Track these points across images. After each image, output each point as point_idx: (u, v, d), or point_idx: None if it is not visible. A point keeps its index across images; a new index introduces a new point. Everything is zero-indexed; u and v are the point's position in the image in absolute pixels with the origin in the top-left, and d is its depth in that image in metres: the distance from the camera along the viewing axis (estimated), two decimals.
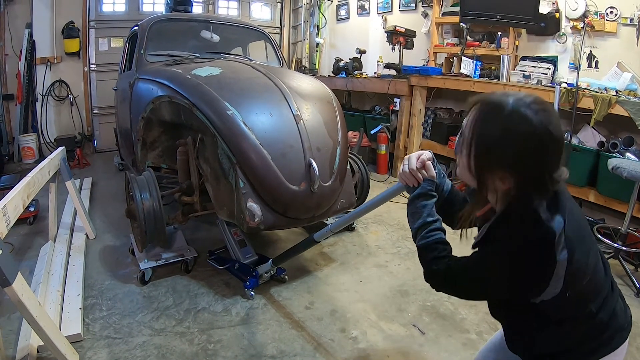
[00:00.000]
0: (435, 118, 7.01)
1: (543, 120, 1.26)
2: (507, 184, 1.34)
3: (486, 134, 1.33)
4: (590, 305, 1.40)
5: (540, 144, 1.27)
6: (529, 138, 1.26)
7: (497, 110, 1.32)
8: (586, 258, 1.36)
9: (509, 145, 1.29)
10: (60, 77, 8.38)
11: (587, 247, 1.37)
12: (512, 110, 1.28)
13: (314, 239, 2.89)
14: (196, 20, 5.58)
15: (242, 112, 3.20)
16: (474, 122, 1.37)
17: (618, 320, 1.46)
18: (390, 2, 8.60)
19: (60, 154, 4.31)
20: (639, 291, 3.72)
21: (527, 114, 1.27)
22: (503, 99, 1.32)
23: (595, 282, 1.42)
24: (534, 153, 1.28)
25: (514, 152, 1.29)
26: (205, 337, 3.01)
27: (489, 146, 1.33)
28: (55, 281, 3.46)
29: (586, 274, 1.37)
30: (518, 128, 1.27)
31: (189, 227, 4.68)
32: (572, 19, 5.57)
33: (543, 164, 1.30)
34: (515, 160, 1.30)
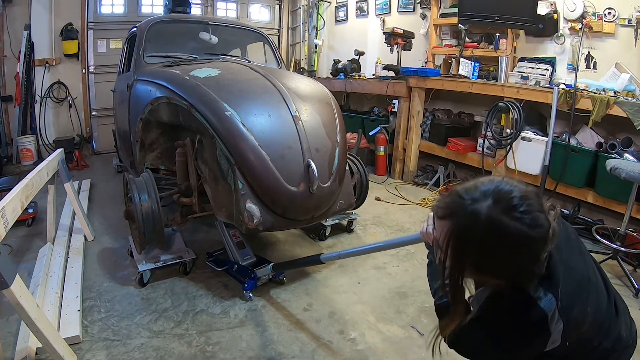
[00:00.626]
0: (434, 119, 7.02)
1: (524, 226, 1.19)
2: (491, 282, 1.36)
3: (462, 250, 1.28)
4: (593, 341, 1.41)
5: (520, 251, 1.22)
6: (508, 248, 1.22)
7: (471, 224, 1.23)
8: (585, 308, 1.35)
9: (487, 257, 1.25)
10: (59, 79, 8.37)
11: (585, 298, 1.36)
12: (487, 223, 1.21)
13: (320, 259, 2.91)
14: (195, 21, 5.58)
15: (240, 113, 3.20)
16: (448, 238, 1.29)
17: (622, 341, 1.47)
18: (388, 3, 8.60)
19: (58, 155, 4.31)
20: (638, 292, 3.73)
21: (505, 222, 1.20)
22: (476, 209, 1.24)
23: (596, 322, 1.41)
24: (515, 260, 1.24)
25: (493, 263, 1.26)
26: (203, 339, 3.01)
27: (465, 261, 1.28)
28: (54, 283, 3.46)
29: (585, 322, 1.36)
30: (495, 241, 1.22)
31: (187, 229, 4.67)
32: (570, 20, 5.58)
33: (526, 264, 1.26)
34: (495, 269, 1.28)
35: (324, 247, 4.52)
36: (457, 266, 1.30)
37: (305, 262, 3.27)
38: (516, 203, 1.21)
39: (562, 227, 1.39)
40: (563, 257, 1.35)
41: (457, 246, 1.27)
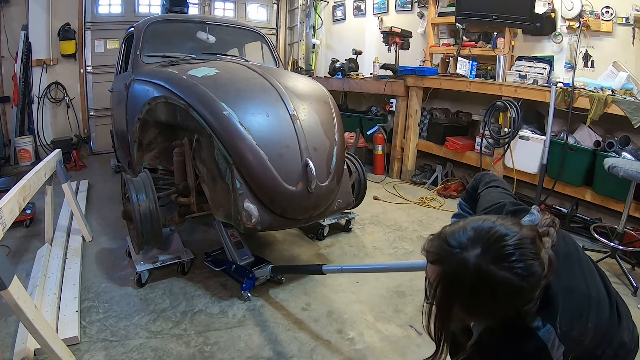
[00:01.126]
0: (432, 118, 7.03)
1: (514, 277, 1.18)
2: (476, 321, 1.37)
3: (449, 298, 1.28)
4: (596, 351, 1.39)
5: (510, 298, 1.22)
6: (495, 297, 1.21)
7: (458, 274, 1.22)
8: (585, 329, 1.33)
9: (476, 306, 1.26)
10: (57, 79, 8.36)
11: (585, 317, 1.34)
12: (475, 273, 1.19)
13: (321, 269, 2.93)
14: (192, 21, 5.58)
15: (238, 113, 3.20)
16: (436, 284, 1.29)
17: (625, 346, 1.45)
18: (386, 2, 8.61)
19: (56, 156, 4.31)
20: (636, 290, 3.73)
21: (491, 272, 1.18)
22: (464, 258, 1.22)
23: (599, 334, 1.39)
24: (504, 306, 1.24)
25: (482, 310, 1.27)
26: (202, 339, 3.00)
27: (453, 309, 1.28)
28: (52, 284, 3.45)
29: (586, 339, 1.34)
30: (483, 291, 1.21)
31: (185, 229, 4.67)
32: (567, 19, 5.58)
33: (517, 307, 1.26)
34: (484, 315, 1.30)
35: (322, 246, 4.52)
36: (444, 308, 1.30)
37: (306, 270, 3.28)
38: (507, 252, 1.19)
39: (562, 242, 1.40)
40: (561, 281, 1.33)
41: (445, 291, 1.27)
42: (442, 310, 1.30)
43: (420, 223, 5.31)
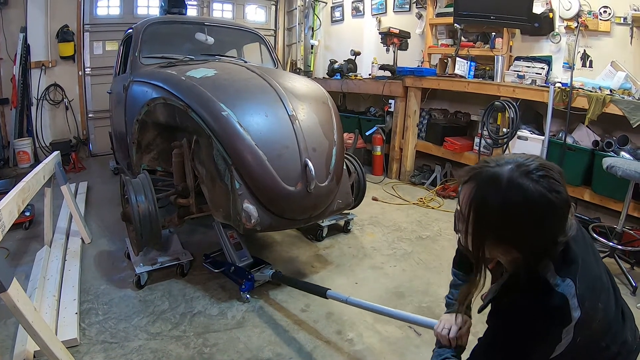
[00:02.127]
0: (430, 119, 7.03)
1: (543, 189, 1.22)
2: (509, 256, 1.34)
3: (483, 213, 1.30)
4: (601, 342, 1.41)
5: (540, 215, 1.23)
6: (528, 211, 1.23)
7: (492, 186, 1.27)
8: (596, 304, 1.35)
9: (508, 221, 1.26)
10: (55, 81, 8.35)
11: (597, 294, 1.36)
12: (509, 183, 1.24)
13: (325, 293, 2.96)
14: (190, 22, 5.58)
15: (237, 113, 3.20)
16: (470, 201, 1.32)
17: (628, 345, 1.47)
18: (384, 3, 8.62)
19: (55, 158, 4.31)
20: (635, 289, 3.73)
21: (525, 184, 1.23)
22: (498, 171, 1.28)
23: (605, 321, 1.41)
24: (535, 226, 1.25)
25: (514, 227, 1.26)
26: (201, 341, 3.00)
27: (487, 224, 1.30)
28: (51, 286, 3.45)
29: (596, 318, 1.35)
30: (516, 202, 1.23)
31: (184, 231, 4.67)
32: (565, 19, 5.59)
33: (545, 234, 1.27)
34: (516, 236, 1.28)
35: (321, 247, 4.52)
36: (478, 231, 1.32)
37: (308, 288, 3.28)
38: (535, 167, 1.25)
39: (579, 229, 1.41)
40: (579, 251, 1.35)
41: (478, 208, 1.30)
42: (476, 234, 1.34)
43: (419, 223, 5.31)
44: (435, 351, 1.74)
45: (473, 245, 1.35)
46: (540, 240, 1.27)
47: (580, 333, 1.30)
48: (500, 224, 1.27)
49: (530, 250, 1.28)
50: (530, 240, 1.27)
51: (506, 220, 1.25)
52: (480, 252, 1.35)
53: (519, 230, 1.26)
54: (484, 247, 1.33)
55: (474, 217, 1.31)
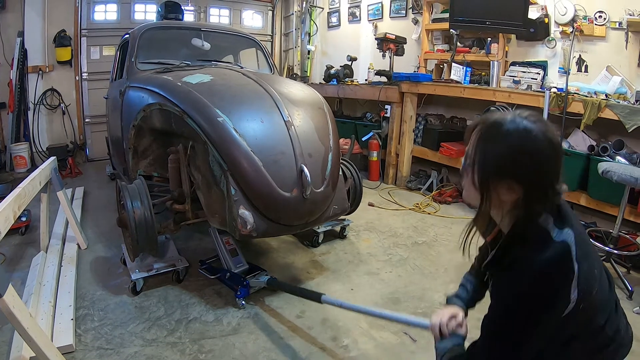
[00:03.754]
0: (427, 124, 7.04)
1: (542, 128, 1.32)
2: (511, 195, 1.36)
3: (489, 148, 1.37)
4: (599, 317, 1.43)
5: (540, 150, 1.31)
6: (529, 145, 1.31)
7: (497, 126, 1.37)
8: (593, 268, 1.38)
9: (511, 154, 1.33)
10: (52, 86, 8.39)
11: (593, 259, 1.39)
12: (512, 123, 1.34)
13: (320, 298, 2.93)
14: (187, 28, 5.58)
15: (233, 119, 3.20)
16: (477, 142, 1.41)
17: (621, 336, 1.49)
18: (380, 9, 8.65)
19: (51, 164, 4.30)
20: (632, 294, 3.74)
21: (527, 124, 1.32)
22: (501, 116, 1.38)
23: (602, 294, 1.44)
24: (536, 160, 1.31)
25: (516, 160, 1.32)
26: (196, 347, 3.00)
27: (492, 159, 1.36)
28: (47, 292, 3.44)
29: (595, 284, 1.39)
30: (518, 138, 1.32)
31: (180, 237, 4.67)
32: (561, 24, 5.61)
33: (544, 171, 1.33)
34: (518, 169, 1.33)
35: (317, 253, 4.52)
36: (484, 167, 1.38)
37: (303, 293, 3.28)
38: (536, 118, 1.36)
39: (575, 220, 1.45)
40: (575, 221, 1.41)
41: (484, 146, 1.40)
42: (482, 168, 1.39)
43: (415, 229, 5.31)
44: (437, 347, 1.73)
45: (479, 181, 1.40)
46: (539, 175, 1.33)
47: (584, 297, 1.32)
48: (503, 158, 1.34)
49: (531, 185, 1.33)
50: (530, 173, 1.32)
51: (509, 154, 1.33)
52: (485, 186, 1.40)
53: (520, 162, 1.32)
54: (489, 181, 1.38)
55: (481, 156, 1.39)
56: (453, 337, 1.69)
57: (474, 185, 1.43)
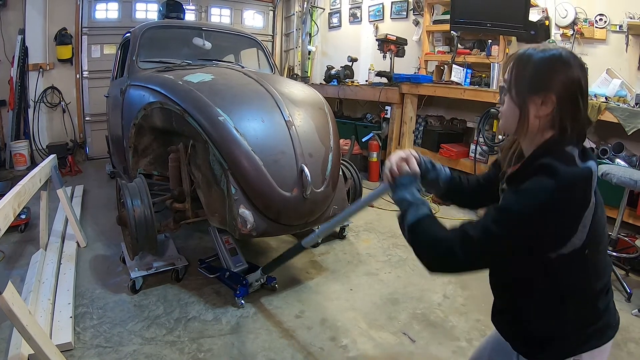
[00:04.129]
0: (427, 125, 7.05)
1: (568, 50, 1.42)
2: (546, 108, 1.39)
3: (522, 68, 1.44)
4: (596, 282, 1.42)
5: (570, 65, 1.37)
6: (560, 61, 1.38)
7: (530, 52, 1.44)
8: (604, 221, 1.41)
9: (543, 68, 1.39)
10: (53, 84, 8.37)
11: (602, 212, 1.40)
12: (542, 49, 1.42)
13: (301, 245, 2.89)
14: (188, 27, 5.58)
15: (233, 118, 3.21)
16: (513, 66, 1.47)
17: (610, 315, 1.48)
18: (381, 10, 8.65)
19: (51, 162, 4.30)
20: (630, 296, 3.74)
21: (555, 47, 1.43)
22: (533, 47, 1.46)
23: (604, 257, 1.46)
24: (567, 73, 1.37)
25: (548, 72, 1.38)
26: (195, 346, 3.00)
27: (527, 75, 1.42)
28: (46, 290, 3.44)
29: (603, 238, 1.43)
30: (550, 56, 1.40)
31: (180, 236, 4.67)
32: (561, 27, 5.62)
33: (576, 85, 1.37)
34: (550, 80, 1.37)
35: (316, 254, 4.51)
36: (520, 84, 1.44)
37: (291, 254, 3.25)
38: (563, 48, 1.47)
39: None
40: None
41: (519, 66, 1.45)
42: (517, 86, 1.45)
43: None
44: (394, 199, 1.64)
45: (516, 99, 1.45)
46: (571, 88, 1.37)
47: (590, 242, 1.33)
48: (537, 73, 1.40)
49: (563, 96, 1.37)
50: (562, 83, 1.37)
51: (542, 68, 1.40)
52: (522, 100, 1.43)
53: (552, 74, 1.38)
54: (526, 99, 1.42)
55: (516, 75, 1.45)
56: (402, 180, 1.63)
57: (512, 103, 1.47)
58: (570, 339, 1.43)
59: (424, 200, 1.58)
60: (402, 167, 1.64)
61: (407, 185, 1.60)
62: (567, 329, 1.44)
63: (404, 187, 1.60)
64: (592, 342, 1.43)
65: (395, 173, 1.64)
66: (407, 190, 1.59)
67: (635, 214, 4.33)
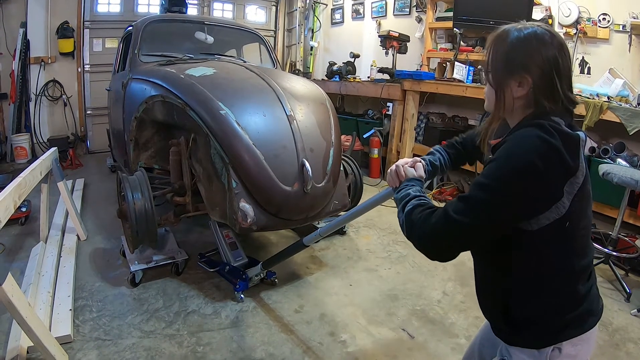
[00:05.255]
0: (428, 122, 7.03)
1: (545, 28, 1.40)
2: (522, 89, 1.39)
3: (499, 48, 1.45)
4: (576, 261, 1.40)
5: (546, 43, 1.37)
6: (535, 39, 1.38)
7: (507, 30, 1.45)
8: (589, 197, 1.41)
9: (518, 48, 1.40)
10: (54, 77, 8.36)
11: (588, 187, 1.40)
12: (519, 27, 1.42)
13: (303, 243, 2.89)
14: (190, 21, 5.57)
15: (235, 112, 3.20)
16: (491, 46, 1.49)
17: (592, 300, 1.45)
18: (384, 6, 8.64)
19: (52, 155, 4.30)
20: (629, 296, 3.74)
21: (532, 25, 1.41)
22: (511, 25, 1.46)
23: (586, 238, 1.44)
24: (543, 52, 1.36)
25: (524, 52, 1.39)
26: (194, 340, 3.00)
27: (503, 55, 1.44)
28: (46, 282, 3.45)
29: (586, 214, 1.41)
30: (525, 35, 1.39)
31: (180, 230, 4.68)
32: (565, 26, 5.60)
33: (552, 63, 1.36)
34: (526, 59, 1.38)
35: (316, 249, 4.52)
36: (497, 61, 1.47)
37: (292, 250, 3.26)
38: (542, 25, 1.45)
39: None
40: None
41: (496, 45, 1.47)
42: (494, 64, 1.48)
43: None
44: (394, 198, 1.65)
45: (493, 78, 1.48)
46: (547, 67, 1.36)
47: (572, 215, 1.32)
48: (512, 51, 1.42)
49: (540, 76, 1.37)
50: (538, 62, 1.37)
51: (517, 47, 1.41)
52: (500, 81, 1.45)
53: (528, 53, 1.38)
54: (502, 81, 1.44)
55: (493, 55, 1.48)
56: (408, 182, 1.63)
57: (490, 85, 1.49)
58: (549, 325, 1.41)
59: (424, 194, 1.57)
60: (408, 171, 1.66)
61: (410, 187, 1.60)
62: (546, 311, 1.41)
63: (407, 188, 1.60)
64: (572, 330, 1.41)
65: (401, 177, 1.66)
66: (411, 189, 1.58)
67: (636, 214, 4.32)
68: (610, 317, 3.49)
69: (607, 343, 3.16)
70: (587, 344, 1.45)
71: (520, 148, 1.28)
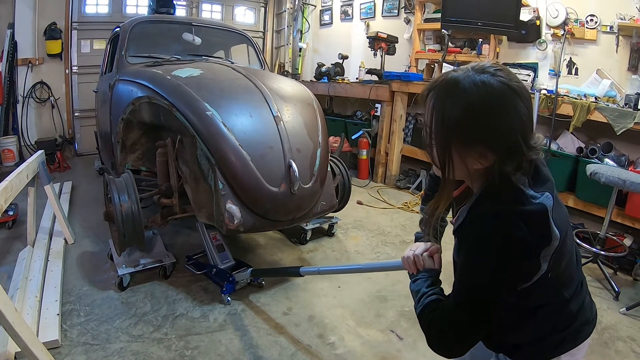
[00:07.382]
0: (416, 124, 7.05)
1: (502, 79, 1.18)
2: (483, 163, 1.23)
3: (449, 111, 1.22)
4: (565, 292, 1.37)
5: (505, 103, 1.17)
6: (493, 101, 1.17)
7: (452, 88, 1.22)
8: (565, 238, 1.29)
9: (474, 117, 1.19)
10: (42, 79, 8.29)
11: (566, 228, 1.30)
12: (467, 81, 1.19)
13: (299, 271, 2.86)
14: (178, 22, 5.55)
15: (221, 113, 3.19)
16: (432, 108, 1.27)
17: (585, 313, 1.43)
18: (373, 8, 8.65)
19: (38, 157, 4.27)
20: (618, 295, 3.76)
21: (483, 78, 1.18)
22: (454, 76, 1.23)
23: (571, 267, 1.38)
24: (503, 115, 1.17)
25: (481, 122, 1.19)
26: (182, 344, 2.99)
27: (453, 126, 1.22)
28: (33, 287, 3.41)
29: (566, 254, 1.31)
30: (479, 96, 1.17)
31: (168, 232, 4.66)
32: (552, 27, 5.63)
33: (515, 124, 1.18)
34: (485, 131, 1.20)
35: (304, 251, 4.51)
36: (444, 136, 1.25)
37: (284, 272, 3.27)
38: (489, 64, 1.21)
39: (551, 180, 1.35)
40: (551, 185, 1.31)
41: (441, 112, 1.24)
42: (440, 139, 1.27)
43: (404, 228, 5.32)
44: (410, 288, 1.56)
45: (439, 153, 1.28)
46: (511, 133, 1.18)
47: (554, 266, 1.26)
48: (466, 123, 1.20)
49: (503, 145, 1.19)
50: (500, 132, 1.19)
51: (472, 117, 1.19)
52: (447, 159, 1.27)
53: (486, 123, 1.19)
54: (451, 153, 1.25)
55: (437, 122, 1.25)
56: (426, 274, 1.52)
57: (434, 156, 1.32)
58: (545, 342, 1.39)
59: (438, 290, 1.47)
60: (427, 263, 1.53)
61: (426, 279, 1.50)
62: (541, 333, 1.39)
63: (423, 280, 1.50)
64: (569, 344, 1.40)
65: (420, 266, 1.55)
66: (425, 282, 1.49)
67: (623, 213, 4.35)
68: (600, 315, 3.47)
69: (596, 342, 3.17)
70: (583, 349, 1.44)
71: (485, 251, 1.21)
